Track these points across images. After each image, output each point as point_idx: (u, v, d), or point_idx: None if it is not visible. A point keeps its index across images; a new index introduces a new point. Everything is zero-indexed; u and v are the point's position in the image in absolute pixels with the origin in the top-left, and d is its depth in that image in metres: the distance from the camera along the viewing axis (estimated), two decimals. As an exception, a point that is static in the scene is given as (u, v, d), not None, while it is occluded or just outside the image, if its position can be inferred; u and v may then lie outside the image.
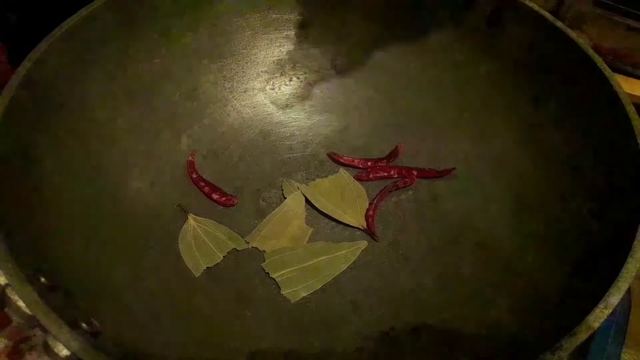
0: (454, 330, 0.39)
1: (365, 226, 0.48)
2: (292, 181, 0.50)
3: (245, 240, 0.46)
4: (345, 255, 0.46)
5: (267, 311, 0.43)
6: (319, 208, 0.49)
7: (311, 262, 0.45)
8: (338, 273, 0.45)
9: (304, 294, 0.44)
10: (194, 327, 0.40)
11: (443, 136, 0.52)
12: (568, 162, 0.42)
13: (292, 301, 0.43)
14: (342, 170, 0.51)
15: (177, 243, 0.45)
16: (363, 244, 0.47)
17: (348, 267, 0.45)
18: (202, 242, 0.46)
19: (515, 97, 0.47)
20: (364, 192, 0.50)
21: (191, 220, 0.47)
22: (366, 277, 0.45)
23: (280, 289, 0.44)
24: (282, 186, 0.50)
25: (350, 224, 0.48)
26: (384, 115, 0.54)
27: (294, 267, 0.45)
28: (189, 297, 0.42)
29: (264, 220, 0.48)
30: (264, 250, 0.46)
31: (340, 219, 0.48)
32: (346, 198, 0.49)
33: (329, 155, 0.53)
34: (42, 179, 0.38)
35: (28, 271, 0.30)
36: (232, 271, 0.45)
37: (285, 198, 0.49)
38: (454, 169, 0.50)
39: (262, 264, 0.45)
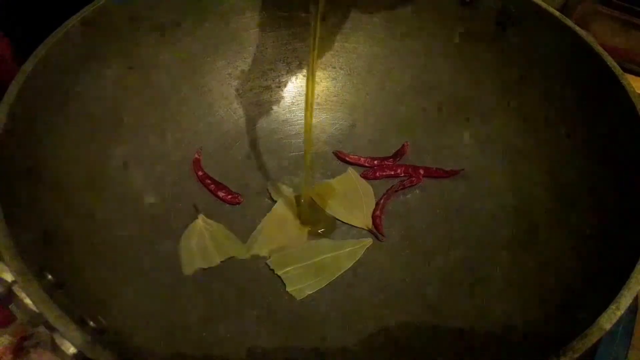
0: (461, 331, 0.39)
1: (370, 227, 0.47)
2: (279, 184, 0.49)
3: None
4: (349, 252, 0.46)
5: (271, 309, 0.42)
6: (325, 209, 0.48)
7: (316, 259, 0.45)
8: (343, 271, 0.45)
9: (309, 292, 0.43)
10: (198, 325, 0.40)
11: (451, 135, 0.52)
12: (577, 162, 0.42)
13: (298, 299, 0.43)
14: (350, 169, 0.51)
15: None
16: (368, 241, 0.46)
17: (354, 265, 0.45)
18: (204, 243, 0.45)
19: (524, 98, 0.47)
20: (372, 191, 0.50)
21: (200, 220, 0.46)
22: (372, 276, 0.45)
23: (284, 287, 0.43)
24: (268, 189, 0.49)
25: (357, 226, 0.48)
26: (390, 113, 0.54)
27: (299, 265, 0.45)
28: (194, 295, 0.42)
29: (257, 228, 0.47)
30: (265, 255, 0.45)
31: (346, 221, 0.48)
32: (353, 198, 0.49)
33: (335, 153, 0.53)
34: (47, 178, 0.38)
35: (34, 268, 0.29)
36: (236, 269, 0.45)
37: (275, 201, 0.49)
38: (462, 170, 0.50)
39: (267, 261, 0.45)
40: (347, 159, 0.52)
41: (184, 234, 0.46)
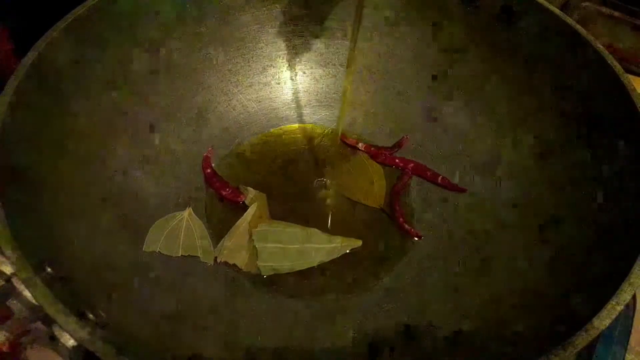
0: (460, 328, 0.39)
1: (382, 205, 0.48)
2: (250, 188, 0.48)
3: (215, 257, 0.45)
4: (332, 248, 0.45)
5: (266, 307, 0.42)
6: (337, 190, 0.49)
7: (297, 245, 0.45)
8: (317, 264, 0.44)
9: (276, 272, 0.44)
10: (197, 320, 0.40)
11: (451, 134, 0.51)
12: (576, 161, 0.42)
13: (262, 274, 0.43)
14: (360, 152, 0.52)
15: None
16: (357, 242, 0.46)
17: (356, 265, 0.45)
18: (177, 233, 0.45)
19: (524, 97, 0.47)
20: (382, 171, 0.51)
21: (186, 212, 0.46)
22: (371, 275, 0.44)
23: (283, 287, 0.43)
24: (242, 193, 0.48)
25: (368, 204, 0.48)
26: (390, 112, 0.54)
27: (279, 245, 0.45)
28: (192, 290, 0.42)
29: (228, 232, 0.46)
30: (234, 264, 0.44)
31: (358, 201, 0.49)
32: (364, 179, 0.50)
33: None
34: (47, 170, 0.37)
35: (34, 261, 0.29)
36: (232, 266, 0.44)
37: (248, 206, 0.48)
38: (465, 190, 0.49)
39: (253, 229, 0.45)
40: (347, 141, 0.53)
41: (166, 216, 0.45)
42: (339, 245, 0.46)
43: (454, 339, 0.38)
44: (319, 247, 0.45)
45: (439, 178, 0.50)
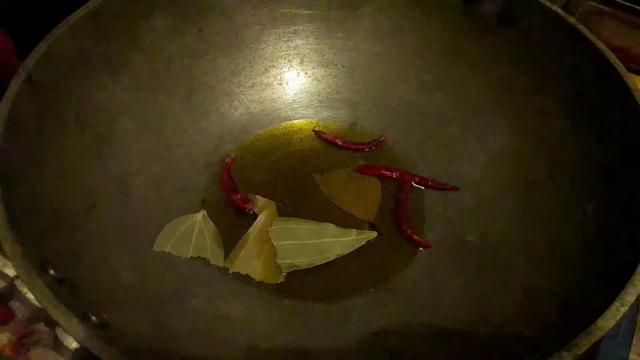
0: (465, 329, 0.39)
1: (372, 219, 0.47)
2: (259, 196, 0.48)
3: (224, 266, 0.44)
4: (349, 241, 0.45)
5: (268, 308, 0.42)
6: (328, 197, 0.49)
7: (315, 240, 0.45)
8: (335, 257, 0.44)
9: (296, 268, 0.43)
10: (199, 322, 0.40)
11: (452, 136, 0.51)
12: (577, 161, 0.42)
13: (282, 272, 0.43)
14: (361, 161, 0.52)
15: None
16: (372, 234, 0.46)
17: (363, 263, 0.45)
18: (189, 234, 0.45)
19: (526, 97, 0.47)
20: (379, 185, 0.50)
21: (200, 215, 0.46)
22: (377, 275, 0.44)
23: (288, 291, 0.43)
24: (251, 201, 0.48)
25: (357, 216, 0.48)
26: (391, 113, 0.54)
27: (296, 242, 0.45)
28: (195, 292, 0.42)
29: (239, 242, 0.45)
30: (246, 274, 0.44)
31: (347, 210, 0.48)
32: (358, 189, 0.50)
33: (314, 130, 0.54)
34: (49, 173, 0.37)
35: (37, 263, 0.29)
36: (245, 277, 0.44)
37: (257, 214, 0.47)
38: (457, 188, 0.49)
39: (268, 229, 0.45)
40: (324, 136, 0.53)
41: (179, 218, 0.45)
42: (355, 238, 0.46)
43: (456, 339, 0.38)
44: (335, 240, 0.45)
45: (429, 181, 0.50)
